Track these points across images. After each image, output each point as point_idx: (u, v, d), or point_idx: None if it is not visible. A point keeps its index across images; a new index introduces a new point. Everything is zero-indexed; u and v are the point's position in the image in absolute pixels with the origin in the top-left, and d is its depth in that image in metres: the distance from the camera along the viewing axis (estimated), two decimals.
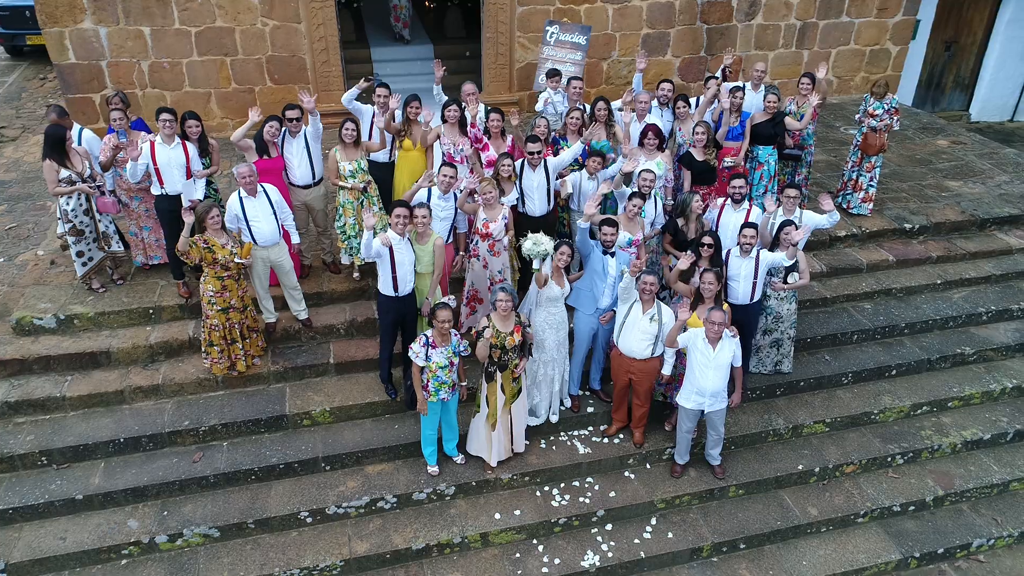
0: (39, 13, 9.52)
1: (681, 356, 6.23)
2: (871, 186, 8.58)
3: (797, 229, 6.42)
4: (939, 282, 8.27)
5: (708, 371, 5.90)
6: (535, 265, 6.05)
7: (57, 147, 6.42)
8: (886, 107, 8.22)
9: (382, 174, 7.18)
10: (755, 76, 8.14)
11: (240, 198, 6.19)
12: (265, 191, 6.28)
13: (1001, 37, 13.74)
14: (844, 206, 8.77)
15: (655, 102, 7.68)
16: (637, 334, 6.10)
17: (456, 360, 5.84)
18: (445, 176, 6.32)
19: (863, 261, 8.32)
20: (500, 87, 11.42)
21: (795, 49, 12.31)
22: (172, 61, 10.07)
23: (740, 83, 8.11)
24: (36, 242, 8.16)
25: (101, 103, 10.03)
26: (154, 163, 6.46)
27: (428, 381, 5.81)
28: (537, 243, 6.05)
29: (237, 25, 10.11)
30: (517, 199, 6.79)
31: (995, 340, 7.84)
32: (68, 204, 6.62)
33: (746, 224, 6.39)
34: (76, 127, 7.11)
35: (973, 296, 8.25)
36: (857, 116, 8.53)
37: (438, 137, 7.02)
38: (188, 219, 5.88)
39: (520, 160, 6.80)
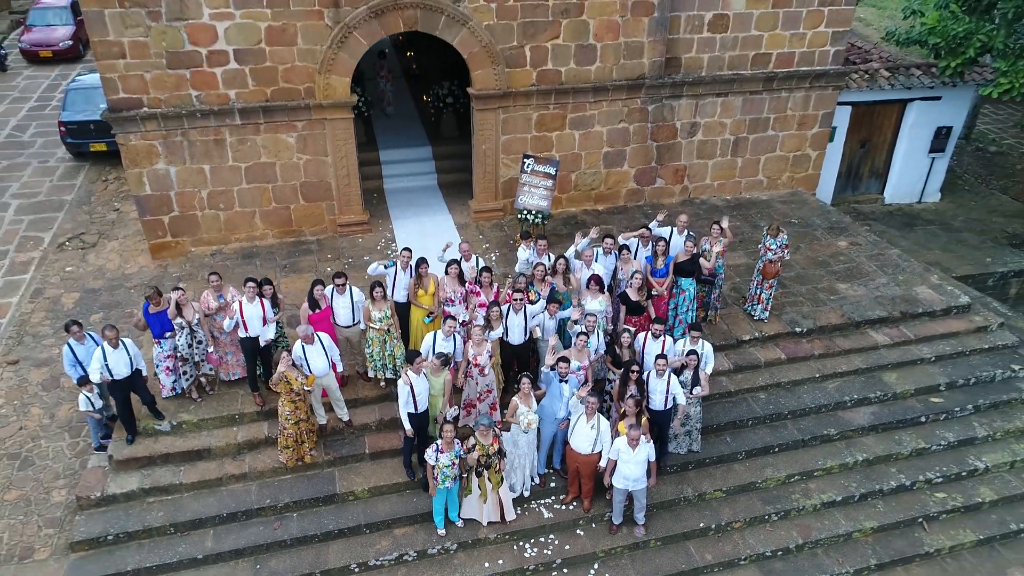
0: (124, 158, 12.12)
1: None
2: (769, 300, 11.29)
3: (700, 357, 9.19)
4: (818, 376, 10.98)
5: (631, 465, 8.60)
6: (524, 428, 8.73)
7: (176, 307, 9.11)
8: (779, 244, 10.91)
9: (402, 310, 9.86)
10: (680, 224, 10.80)
11: (303, 347, 8.84)
12: (320, 340, 8.93)
13: (906, 137, 16.54)
14: (751, 313, 11.49)
15: (599, 250, 10.37)
16: (582, 437, 8.79)
17: (457, 460, 8.52)
18: (450, 327, 9.01)
19: (761, 359, 11.02)
20: (488, 196, 14.08)
21: (730, 157, 15.01)
22: (225, 189, 12.70)
23: (667, 231, 10.76)
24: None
25: (170, 222, 12.67)
26: (242, 316, 9.10)
27: (437, 475, 8.48)
28: (525, 415, 8.73)
29: (278, 160, 12.74)
30: (503, 333, 9.46)
31: (855, 422, 10.56)
32: (179, 340, 9.27)
33: (659, 355, 9.09)
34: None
35: (843, 386, 10.97)
36: (759, 247, 11.23)
37: (441, 287, 9.71)
38: (283, 367, 8.49)
39: (506, 305, 9.48)
